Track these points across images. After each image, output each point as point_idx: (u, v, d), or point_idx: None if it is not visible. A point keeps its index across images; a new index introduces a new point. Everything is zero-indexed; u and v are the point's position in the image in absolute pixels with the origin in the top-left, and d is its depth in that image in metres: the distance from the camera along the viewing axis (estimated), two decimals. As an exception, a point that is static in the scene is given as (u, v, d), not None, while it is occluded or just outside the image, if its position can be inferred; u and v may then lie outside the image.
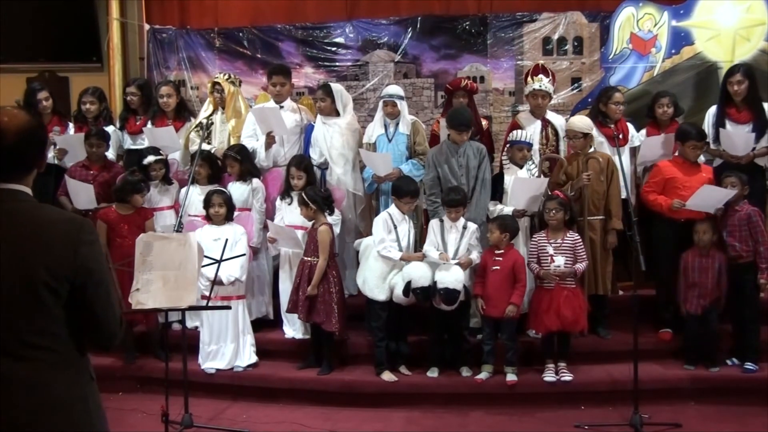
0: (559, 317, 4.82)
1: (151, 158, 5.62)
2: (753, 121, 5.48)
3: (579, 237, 5.00)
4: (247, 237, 5.34)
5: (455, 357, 5.04)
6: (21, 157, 1.99)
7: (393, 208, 5.13)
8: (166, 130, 5.90)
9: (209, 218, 5.26)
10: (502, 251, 4.93)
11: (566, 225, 5.00)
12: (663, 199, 5.20)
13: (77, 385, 1.99)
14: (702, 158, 5.49)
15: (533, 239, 5.08)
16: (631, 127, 5.81)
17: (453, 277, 4.80)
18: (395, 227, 5.05)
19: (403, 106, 5.68)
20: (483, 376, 4.91)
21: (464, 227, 5.03)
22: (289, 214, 5.44)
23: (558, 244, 4.93)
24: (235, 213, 5.40)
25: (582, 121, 5.39)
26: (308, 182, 5.36)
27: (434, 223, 5.11)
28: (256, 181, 5.61)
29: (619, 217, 5.22)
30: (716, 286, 4.97)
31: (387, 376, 4.95)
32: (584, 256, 4.94)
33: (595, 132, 5.46)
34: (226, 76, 6.17)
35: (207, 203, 5.25)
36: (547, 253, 4.92)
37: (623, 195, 5.31)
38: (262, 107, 5.91)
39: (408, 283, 4.84)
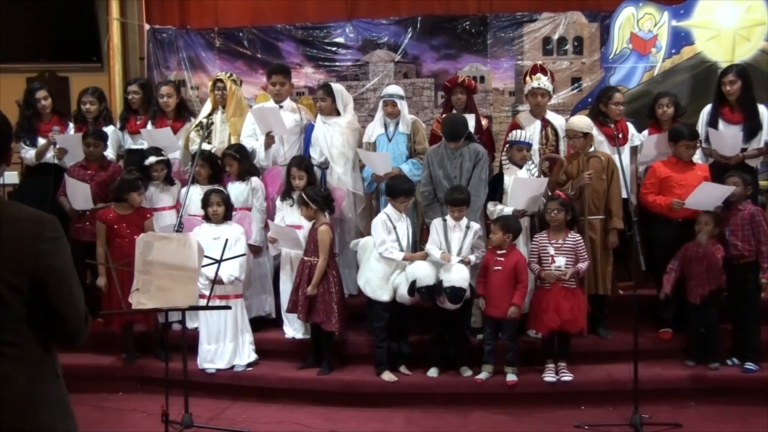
0: (559, 315, 4.81)
1: (153, 159, 5.62)
2: (745, 122, 5.48)
3: (580, 237, 5.00)
4: (246, 236, 5.34)
5: (457, 356, 5.04)
6: None
7: (390, 208, 5.13)
8: (164, 130, 5.90)
9: (208, 218, 5.26)
10: (504, 251, 4.93)
11: (567, 225, 5.00)
12: (662, 200, 5.20)
13: (41, 381, 1.99)
14: (700, 157, 5.50)
15: (534, 239, 5.08)
16: (630, 126, 5.81)
17: (459, 276, 4.80)
18: (394, 227, 5.05)
19: (403, 105, 5.69)
20: (483, 376, 4.91)
21: (467, 227, 5.03)
22: (290, 214, 5.44)
23: (559, 245, 4.92)
24: (234, 213, 5.39)
25: (582, 121, 5.40)
26: (309, 182, 5.36)
27: (437, 223, 5.10)
28: (255, 180, 5.61)
29: (619, 217, 5.22)
30: (714, 277, 4.94)
31: (387, 376, 4.95)
32: (586, 256, 4.94)
33: (595, 131, 5.45)
34: (229, 74, 6.18)
35: (205, 203, 5.26)
36: (548, 253, 4.92)
37: (623, 195, 5.31)
38: (261, 107, 5.91)
39: (413, 283, 4.84)
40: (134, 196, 5.32)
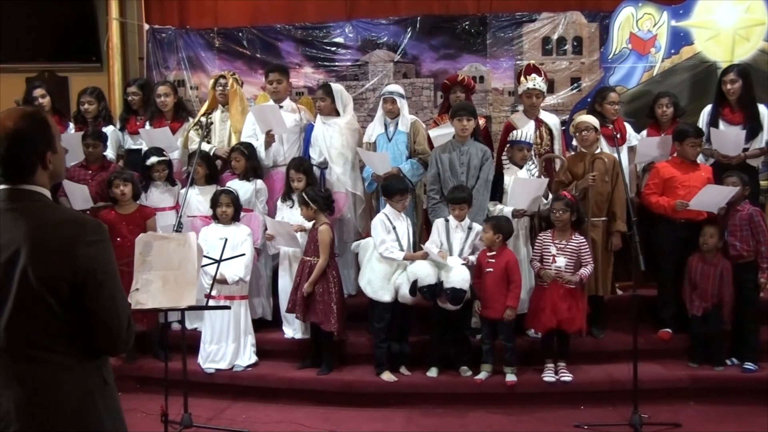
0: (556, 315, 4.81)
1: (154, 159, 5.62)
2: (746, 122, 5.49)
3: (585, 240, 4.97)
4: (253, 237, 5.34)
5: (457, 357, 5.04)
6: (14, 159, 1.99)
7: (388, 208, 5.13)
8: (162, 130, 5.90)
9: (216, 218, 5.26)
10: (495, 252, 4.92)
11: (573, 226, 4.99)
12: (665, 200, 5.20)
13: (86, 387, 1.99)
14: (700, 158, 5.50)
15: (539, 237, 5.08)
16: (629, 126, 5.81)
17: (460, 277, 4.79)
18: (394, 227, 5.05)
19: (403, 104, 5.68)
20: (482, 376, 4.91)
21: (469, 228, 5.03)
22: (290, 216, 5.43)
23: (562, 246, 4.92)
24: (242, 214, 5.39)
25: (590, 118, 5.39)
26: (308, 184, 5.36)
27: (439, 223, 5.10)
28: (260, 182, 5.63)
29: (623, 219, 5.19)
30: (717, 291, 4.96)
31: (387, 376, 4.95)
32: (589, 260, 4.92)
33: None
34: (232, 73, 6.20)
35: (215, 203, 5.26)
36: (550, 252, 4.92)
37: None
38: (261, 106, 5.91)
39: (414, 282, 4.84)
40: (113, 190, 5.28)
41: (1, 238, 1.92)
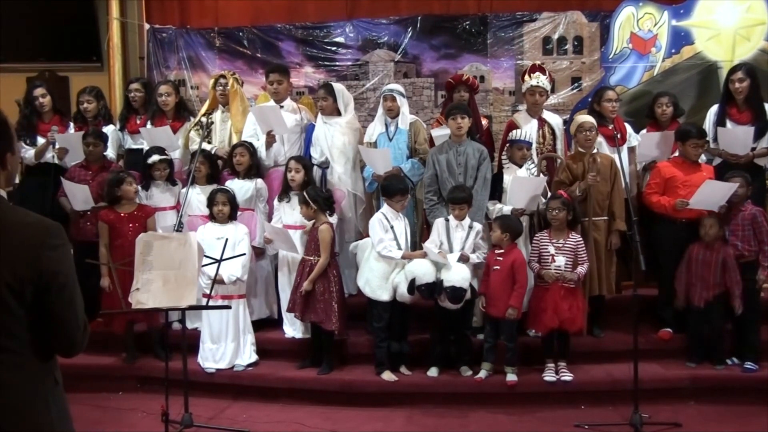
0: (558, 315, 4.82)
1: (155, 158, 5.61)
2: (753, 121, 5.48)
3: (581, 238, 4.99)
4: (251, 236, 5.34)
5: (458, 356, 5.04)
6: None
7: (386, 208, 5.13)
8: (162, 129, 5.90)
9: (213, 217, 5.26)
10: (503, 251, 4.93)
11: (569, 225, 4.99)
12: (666, 200, 5.20)
13: (39, 388, 1.98)
14: (703, 158, 5.49)
15: (535, 238, 5.08)
16: (628, 126, 5.81)
17: (459, 276, 4.80)
18: (391, 227, 5.05)
19: (403, 102, 5.67)
20: (482, 374, 4.91)
21: (470, 227, 5.03)
22: (286, 215, 5.44)
23: (560, 245, 4.92)
24: (240, 213, 5.39)
25: (586, 118, 5.38)
26: (306, 179, 5.36)
27: (439, 222, 5.10)
28: (260, 182, 5.63)
29: (622, 218, 5.19)
30: (720, 280, 4.95)
31: (387, 375, 4.94)
32: (585, 258, 4.93)
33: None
34: (232, 72, 6.20)
35: (211, 202, 5.26)
36: (549, 252, 4.92)
37: (624, 195, 5.30)
38: (261, 107, 5.91)
39: (412, 281, 4.84)
40: (125, 188, 5.29)
41: None
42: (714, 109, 5.68)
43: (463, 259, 4.90)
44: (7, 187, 2.08)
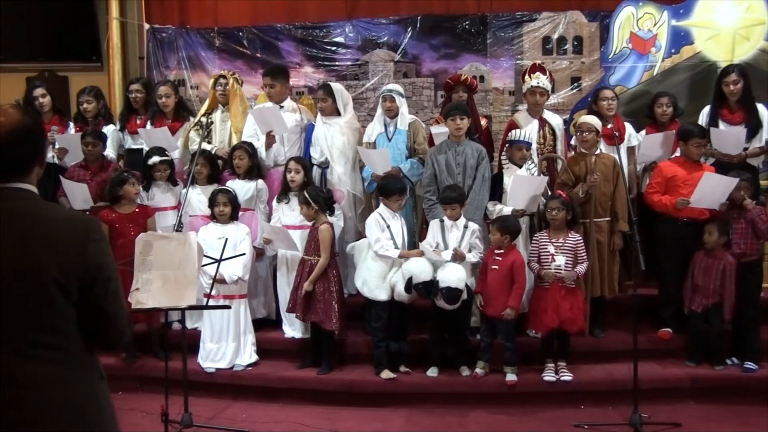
0: (558, 315, 4.81)
1: (156, 159, 5.62)
2: (746, 121, 5.49)
3: (580, 237, 4.99)
4: (252, 237, 5.34)
5: (457, 356, 5.04)
6: (16, 155, 1.98)
7: (383, 208, 5.13)
8: (161, 130, 5.90)
9: (214, 217, 5.26)
10: (503, 251, 4.93)
11: (568, 225, 4.99)
12: (667, 199, 5.20)
13: (88, 383, 1.99)
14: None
15: (535, 238, 5.08)
16: (628, 126, 5.81)
17: (455, 276, 4.80)
18: (388, 226, 5.05)
19: (402, 103, 5.68)
20: (479, 371, 4.91)
21: (465, 226, 5.03)
22: (285, 215, 5.44)
23: (560, 244, 4.92)
24: (241, 213, 5.39)
25: (592, 119, 5.38)
26: (305, 180, 5.36)
27: (434, 224, 5.10)
28: (261, 182, 5.63)
29: (625, 219, 5.18)
30: (719, 287, 4.96)
31: (386, 374, 4.94)
32: (585, 257, 4.93)
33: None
34: (232, 72, 6.20)
35: (212, 202, 5.26)
36: (548, 252, 4.92)
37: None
38: (261, 108, 5.91)
39: (409, 279, 4.84)
40: (127, 188, 5.30)
41: (4, 236, 1.90)
42: (706, 110, 5.69)
43: (459, 256, 4.90)
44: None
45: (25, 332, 1.90)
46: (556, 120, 5.81)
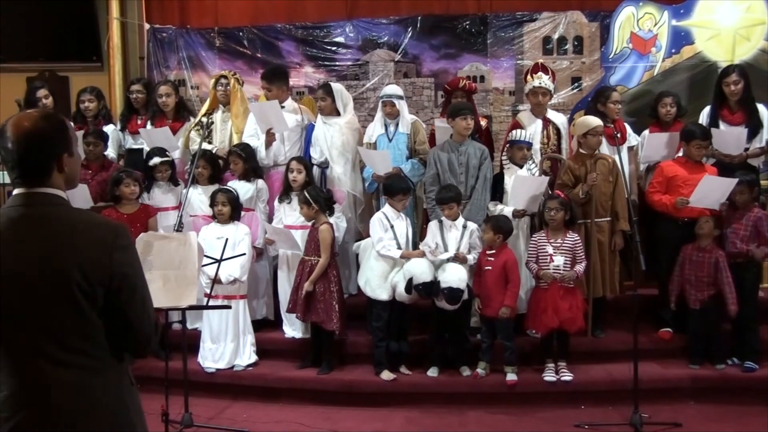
0: (558, 315, 4.81)
1: (157, 159, 5.62)
2: (746, 122, 5.49)
3: (578, 237, 4.99)
4: (252, 237, 5.34)
5: (457, 356, 5.04)
6: (33, 161, 1.97)
7: (387, 207, 5.13)
8: (162, 130, 5.90)
9: (214, 217, 5.26)
10: (495, 251, 4.92)
11: (566, 225, 4.99)
12: (667, 198, 5.20)
13: (118, 389, 1.99)
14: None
15: (533, 238, 5.08)
16: (628, 126, 5.81)
17: (456, 276, 4.79)
18: (391, 226, 5.05)
19: (402, 105, 5.68)
20: (480, 371, 4.91)
21: (464, 226, 5.03)
22: (287, 215, 5.44)
23: (558, 244, 4.92)
24: (243, 213, 5.39)
25: (596, 121, 5.37)
26: (307, 180, 5.36)
27: (433, 224, 5.11)
28: (261, 182, 5.62)
29: (625, 219, 5.18)
30: (714, 280, 4.96)
31: (386, 374, 4.94)
32: (583, 257, 4.93)
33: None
34: (233, 73, 6.20)
35: (212, 202, 5.26)
36: (547, 252, 4.92)
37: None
38: (261, 104, 5.91)
39: (410, 280, 4.84)
40: (122, 188, 5.30)
41: (28, 242, 1.89)
42: (707, 110, 5.68)
43: (461, 259, 4.90)
44: (67, 189, 2.06)
45: (55, 338, 1.89)
46: (560, 119, 5.80)
